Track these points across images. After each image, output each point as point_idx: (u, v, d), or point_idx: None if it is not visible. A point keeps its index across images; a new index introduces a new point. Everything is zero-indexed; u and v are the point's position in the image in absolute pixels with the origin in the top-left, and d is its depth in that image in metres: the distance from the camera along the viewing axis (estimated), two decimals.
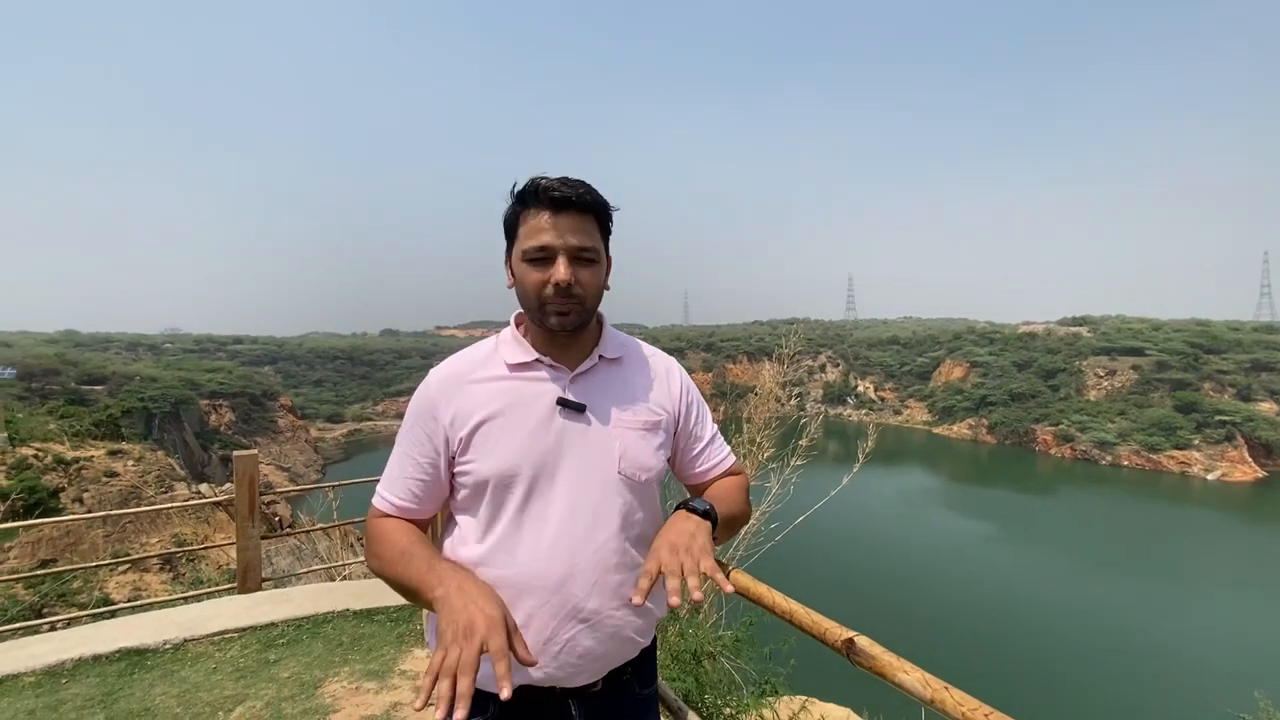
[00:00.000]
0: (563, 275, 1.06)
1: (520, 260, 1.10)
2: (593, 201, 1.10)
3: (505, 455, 1.08)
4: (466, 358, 1.18)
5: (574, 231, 1.08)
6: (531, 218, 1.09)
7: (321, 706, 2.87)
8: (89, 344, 76.84)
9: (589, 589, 1.08)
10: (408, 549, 1.05)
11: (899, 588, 28.39)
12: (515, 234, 1.12)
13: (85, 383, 45.06)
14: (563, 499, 1.09)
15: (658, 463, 1.18)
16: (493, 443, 1.09)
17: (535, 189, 1.08)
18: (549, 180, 1.08)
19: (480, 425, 1.10)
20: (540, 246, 1.07)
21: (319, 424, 71.37)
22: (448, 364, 1.18)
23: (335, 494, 7.10)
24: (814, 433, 4.86)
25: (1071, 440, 59.88)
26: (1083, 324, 77.14)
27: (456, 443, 1.11)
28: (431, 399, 1.13)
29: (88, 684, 3.04)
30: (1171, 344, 63.88)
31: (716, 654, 3.57)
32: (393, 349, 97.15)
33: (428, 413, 1.12)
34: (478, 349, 1.20)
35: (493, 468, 1.08)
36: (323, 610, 3.83)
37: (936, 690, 0.78)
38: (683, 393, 1.26)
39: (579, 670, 1.10)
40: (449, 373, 1.15)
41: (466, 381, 1.13)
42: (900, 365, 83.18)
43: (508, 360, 1.15)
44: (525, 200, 1.10)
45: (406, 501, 1.14)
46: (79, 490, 17.19)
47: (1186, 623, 26.63)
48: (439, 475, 1.13)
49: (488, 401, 1.11)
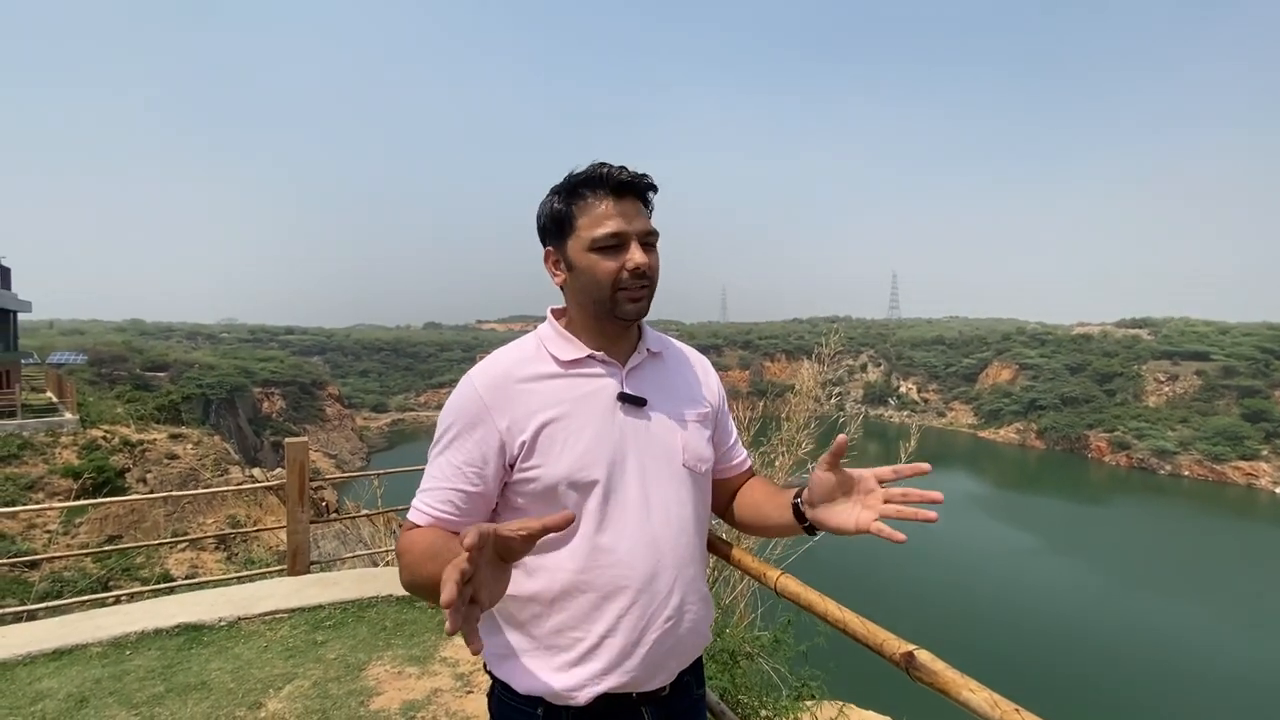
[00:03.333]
0: (642, 258, 1.05)
1: (587, 250, 1.06)
2: (650, 184, 1.09)
3: (576, 456, 1.04)
4: (509, 356, 1.11)
5: (638, 216, 1.08)
6: (593, 206, 1.06)
7: (365, 689, 2.95)
8: (153, 332, 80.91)
9: (672, 584, 1.08)
10: (435, 545, 0.96)
11: (939, 597, 27.62)
12: (572, 225, 1.07)
13: (149, 369, 47.36)
14: (637, 495, 1.07)
15: (711, 454, 1.21)
16: (560, 444, 1.04)
17: (600, 176, 1.06)
18: (610, 166, 1.06)
19: (544, 427, 1.04)
20: (613, 234, 1.04)
21: (364, 413, 73.55)
22: (490, 365, 1.10)
23: (379, 482, 7.31)
24: (854, 433, 4.75)
25: (1128, 448, 57.16)
26: (1143, 326, 73.53)
27: (517, 447, 1.03)
28: (482, 404, 1.04)
29: (149, 656, 3.19)
30: (1240, 348, 60.26)
31: (754, 654, 3.53)
32: (435, 342, 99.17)
33: (477, 418, 1.04)
34: (520, 347, 1.13)
35: (564, 470, 1.03)
36: (367, 595, 3.94)
37: (1006, 712, 0.74)
38: (718, 387, 1.29)
39: (659, 670, 1.08)
40: (496, 374, 1.07)
41: (517, 381, 1.07)
42: (945, 366, 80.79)
43: (559, 356, 1.10)
44: (583, 189, 1.07)
45: (446, 512, 1.04)
46: (143, 471, 18.11)
47: (1249, 645, 25.17)
48: (488, 485, 1.05)
49: (547, 401, 1.06)
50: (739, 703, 3.27)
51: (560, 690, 1.02)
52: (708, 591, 1.16)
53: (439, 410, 1.12)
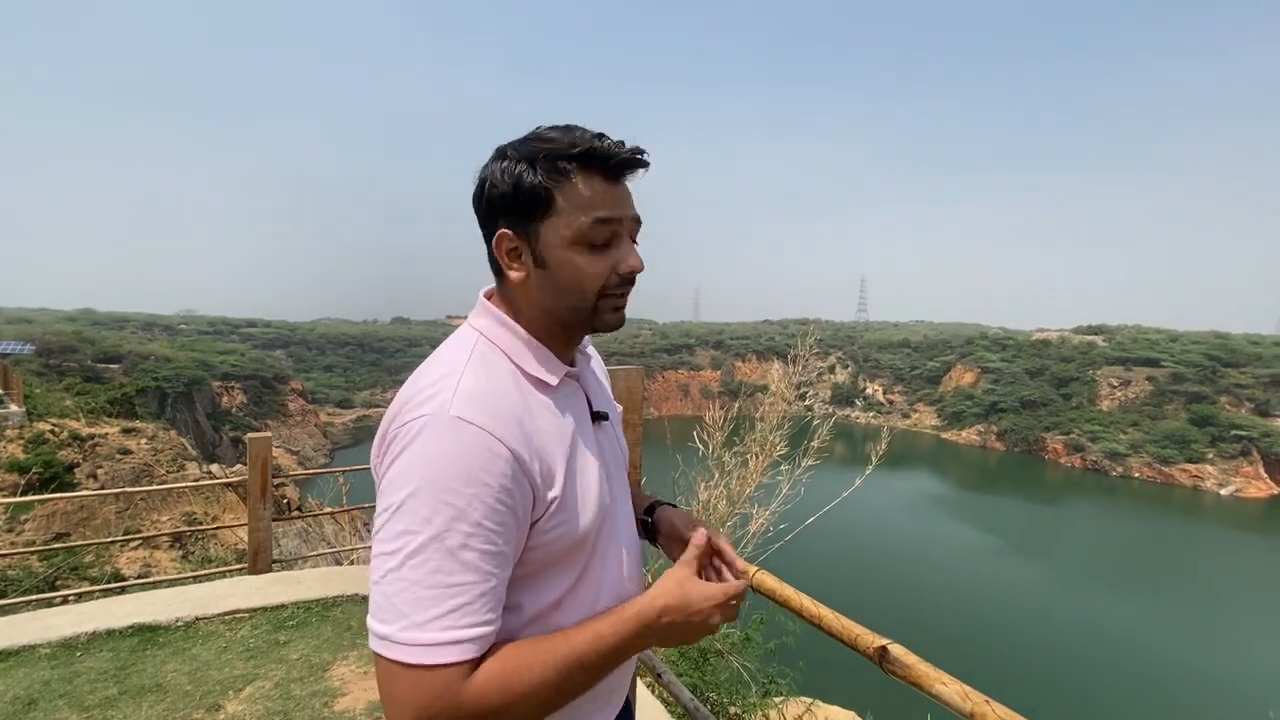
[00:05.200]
0: (639, 261, 0.84)
1: (566, 245, 0.81)
2: (647, 165, 0.84)
3: (596, 495, 0.85)
4: (495, 385, 0.80)
5: (632, 203, 0.84)
6: (580, 187, 0.80)
7: (330, 689, 2.88)
8: (106, 323, 77.82)
9: (638, 581, 1.03)
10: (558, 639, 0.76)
11: (907, 593, 28.27)
12: (549, 207, 0.80)
13: (101, 361, 45.57)
14: (625, 518, 0.96)
15: None
16: (584, 488, 0.84)
17: (597, 151, 0.79)
18: (605, 138, 0.81)
19: (571, 475, 0.82)
20: (605, 220, 0.80)
21: (328, 409, 72.05)
22: (489, 402, 0.76)
23: (345, 479, 7.17)
24: (824, 435, 4.83)
25: (1082, 450, 59.32)
26: (1098, 333, 76.27)
27: (548, 503, 0.79)
28: (509, 457, 0.74)
29: (101, 658, 3.08)
30: (1189, 356, 63.03)
31: (724, 652, 3.56)
32: (403, 337, 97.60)
33: (511, 478, 0.73)
34: (489, 368, 0.82)
35: (592, 515, 0.84)
36: (332, 594, 3.86)
37: (977, 704, 0.76)
38: None
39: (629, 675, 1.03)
40: (508, 416, 0.77)
41: (529, 420, 0.79)
42: (910, 369, 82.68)
43: (543, 379, 0.85)
44: (565, 163, 0.79)
45: (498, 616, 0.74)
46: (93, 466, 17.39)
47: (1199, 640, 26.38)
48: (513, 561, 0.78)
49: (560, 442, 0.83)
50: (708, 699, 3.29)
51: None
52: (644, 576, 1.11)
53: None
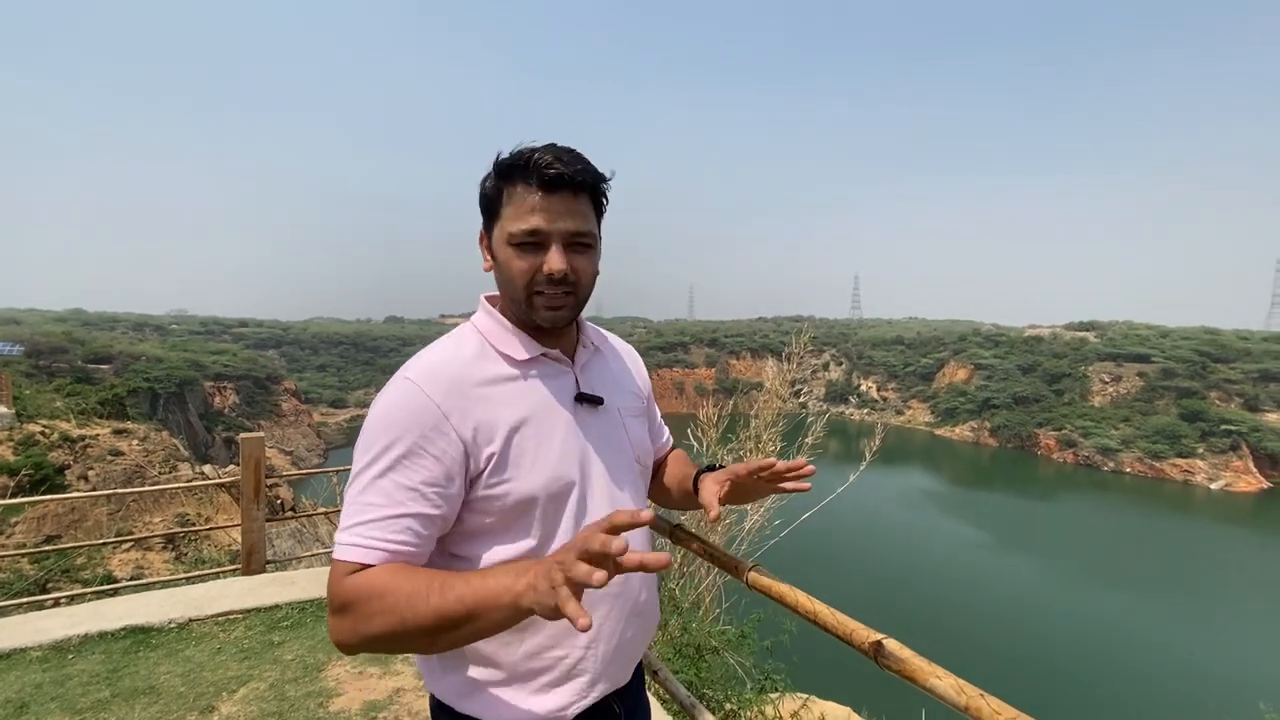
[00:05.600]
0: (558, 265, 0.93)
1: (505, 244, 0.95)
2: (590, 179, 0.95)
3: (550, 466, 0.96)
4: (454, 356, 0.98)
5: (569, 214, 0.94)
6: (519, 196, 0.93)
7: (325, 690, 2.87)
8: (96, 323, 77.15)
9: (641, 581, 1.07)
10: (435, 578, 0.82)
11: (901, 589, 28.38)
12: (498, 212, 0.96)
13: (91, 361, 45.12)
14: (606, 497, 1.03)
15: (651, 445, 1.23)
16: (532, 454, 0.95)
17: (525, 162, 0.92)
18: (541, 154, 0.92)
19: (513, 435, 0.94)
20: (531, 230, 0.93)
21: (322, 409, 71.62)
22: (437, 366, 0.95)
23: (338, 479, 7.14)
24: (819, 431, 4.84)
25: (1074, 446, 59.65)
26: (1090, 329, 76.70)
27: (484, 460, 0.92)
28: (437, 411, 0.90)
29: (93, 660, 3.05)
30: (1179, 351, 63.44)
31: (720, 649, 3.56)
32: (397, 336, 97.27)
33: (434, 427, 0.89)
34: (461, 344, 1.00)
35: (541, 482, 0.95)
36: (326, 594, 3.84)
37: (972, 697, 0.76)
38: (646, 375, 1.29)
39: (629, 664, 1.08)
40: (449, 376, 0.94)
41: (474, 385, 0.95)
42: (904, 365, 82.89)
43: (512, 355, 1.00)
44: (511, 175, 0.94)
45: (409, 544, 0.87)
46: (84, 468, 17.27)
47: (1191, 633, 26.59)
48: (450, 506, 0.91)
49: (511, 407, 0.96)
50: (704, 696, 3.30)
51: (545, 714, 0.97)
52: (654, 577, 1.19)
53: None
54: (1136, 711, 20.23)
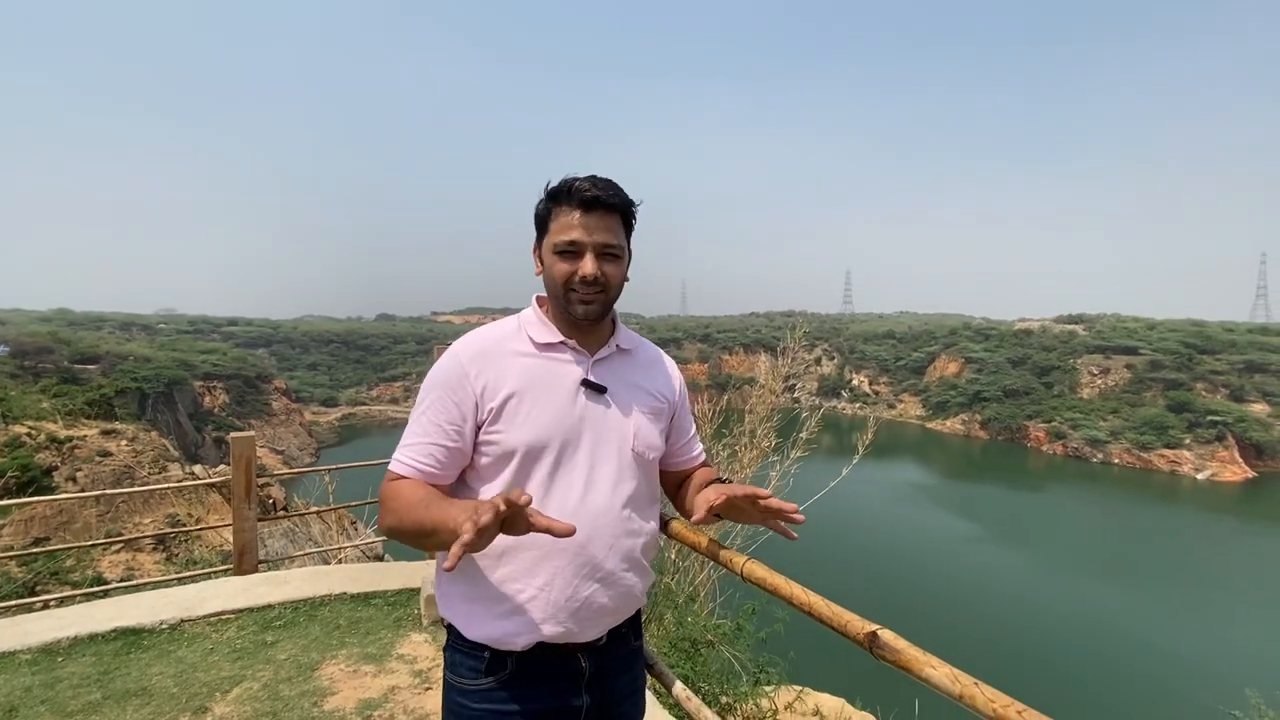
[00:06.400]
0: (590, 270, 1.18)
1: (551, 252, 1.21)
2: (620, 202, 1.21)
3: (535, 427, 1.17)
4: (493, 333, 1.26)
5: (601, 229, 1.19)
6: (563, 214, 1.19)
7: (319, 689, 2.86)
8: (82, 323, 76.18)
9: (606, 551, 1.20)
10: (427, 497, 1.10)
11: (895, 580, 28.58)
12: (547, 227, 1.22)
13: (78, 362, 44.59)
14: (584, 470, 1.20)
15: (662, 444, 1.35)
16: (523, 415, 1.18)
17: (568, 188, 1.18)
18: (581, 181, 1.19)
19: (510, 397, 1.18)
20: (570, 241, 1.18)
21: (313, 408, 71.13)
22: (475, 338, 1.25)
23: (330, 478, 7.08)
24: (813, 426, 4.86)
25: (1063, 437, 60.20)
26: (1078, 322, 77.29)
27: (486, 412, 1.18)
28: (462, 368, 1.19)
29: (84, 663, 3.02)
30: (1166, 343, 64.07)
31: (715, 642, 3.58)
32: (388, 334, 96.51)
33: (458, 381, 1.18)
34: (502, 326, 1.29)
35: (522, 438, 1.17)
36: (320, 593, 3.82)
37: (966, 686, 0.77)
38: (679, 387, 1.44)
39: (592, 625, 1.21)
40: (479, 346, 1.22)
41: (496, 355, 1.21)
42: (895, 360, 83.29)
43: (536, 339, 1.24)
44: (558, 198, 1.20)
45: (430, 465, 1.17)
46: (72, 469, 17.10)
47: (1179, 621, 26.93)
48: (464, 442, 1.18)
49: (518, 376, 1.20)
50: (700, 690, 3.31)
51: (501, 636, 1.16)
52: (646, 563, 1.30)
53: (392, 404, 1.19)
54: (1127, 698, 20.52)
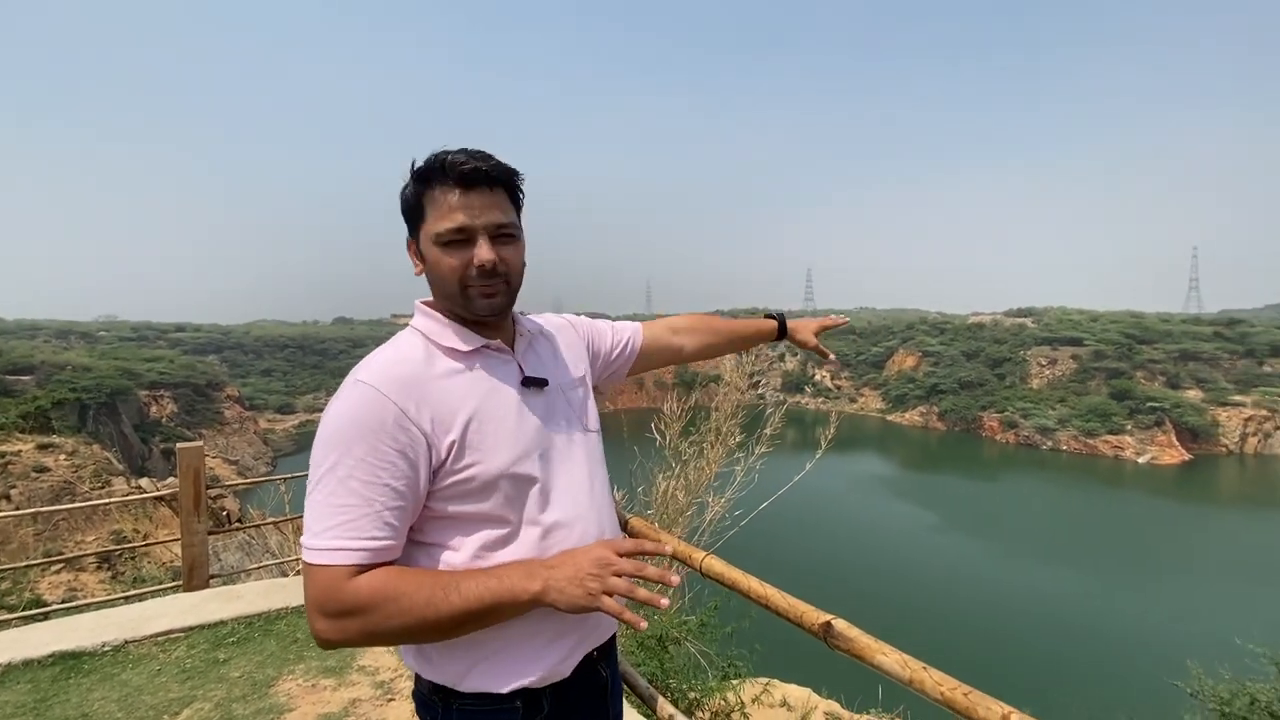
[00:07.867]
0: (486, 256, 1.00)
1: (433, 244, 1.01)
2: (504, 173, 1.03)
3: (511, 444, 1.02)
4: (402, 356, 1.03)
5: (489, 208, 1.01)
6: (439, 197, 1.00)
7: (276, 705, 2.77)
8: (14, 331, 72.20)
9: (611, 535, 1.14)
10: (446, 574, 0.94)
11: (856, 573, 29.22)
12: (422, 215, 1.02)
13: (10, 372, 42.17)
14: (565, 471, 1.09)
15: (597, 410, 1.28)
16: (492, 436, 1.01)
17: (441, 164, 0.99)
18: (454, 155, 0.99)
19: (470, 421, 1.00)
20: (456, 228, 0.99)
21: (268, 415, 68.84)
22: (386, 367, 1.00)
23: (287, 487, 6.86)
24: (777, 422, 4.92)
25: (1015, 427, 62.46)
26: (1027, 315, 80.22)
27: (446, 449, 0.97)
28: (394, 408, 0.94)
29: (19, 690, 2.86)
30: (1108, 334, 67.05)
31: (681, 639, 3.59)
32: (346, 338, 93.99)
33: (394, 425, 0.94)
34: (406, 346, 1.05)
35: (502, 461, 1.00)
36: (275, 607, 3.70)
37: (915, 671, 0.79)
38: (582, 328, 1.35)
39: (610, 625, 1.15)
40: (398, 374, 0.98)
41: (426, 380, 1.00)
42: (856, 354, 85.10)
43: (456, 348, 1.05)
44: (429, 178, 1.00)
45: (387, 538, 0.93)
46: (5, 486, 16.22)
47: (1123, 598, 28.22)
48: (417, 497, 0.97)
49: (463, 395, 1.01)
50: (668, 686, 3.32)
51: (548, 670, 1.03)
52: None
53: None
54: (1077, 674, 21.41)
